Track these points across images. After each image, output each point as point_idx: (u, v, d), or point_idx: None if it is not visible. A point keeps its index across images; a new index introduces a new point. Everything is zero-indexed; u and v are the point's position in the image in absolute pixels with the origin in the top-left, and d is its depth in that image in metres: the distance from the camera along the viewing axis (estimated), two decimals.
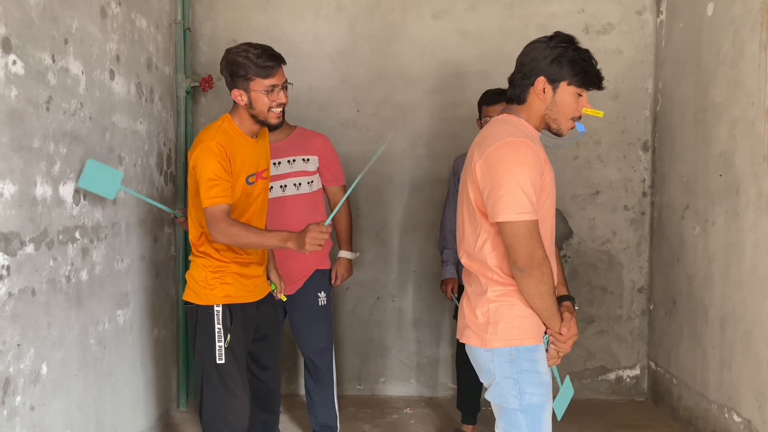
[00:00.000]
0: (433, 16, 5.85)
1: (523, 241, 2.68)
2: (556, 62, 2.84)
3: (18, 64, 3.21)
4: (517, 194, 2.67)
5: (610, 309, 5.92)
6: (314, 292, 4.60)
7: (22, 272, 3.25)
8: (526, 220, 2.67)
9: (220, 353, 3.57)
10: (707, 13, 4.80)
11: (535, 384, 2.85)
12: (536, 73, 2.87)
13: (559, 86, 2.86)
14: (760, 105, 4.09)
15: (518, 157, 2.71)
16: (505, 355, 2.85)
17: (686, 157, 5.13)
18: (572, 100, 2.89)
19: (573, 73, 2.85)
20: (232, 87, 3.53)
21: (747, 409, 4.26)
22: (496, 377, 2.89)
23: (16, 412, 3.20)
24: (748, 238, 4.25)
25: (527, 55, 2.91)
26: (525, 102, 2.92)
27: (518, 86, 2.93)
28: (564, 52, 2.84)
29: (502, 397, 2.89)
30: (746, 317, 4.27)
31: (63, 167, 3.63)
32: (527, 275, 2.71)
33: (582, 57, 2.86)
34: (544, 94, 2.87)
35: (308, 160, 4.56)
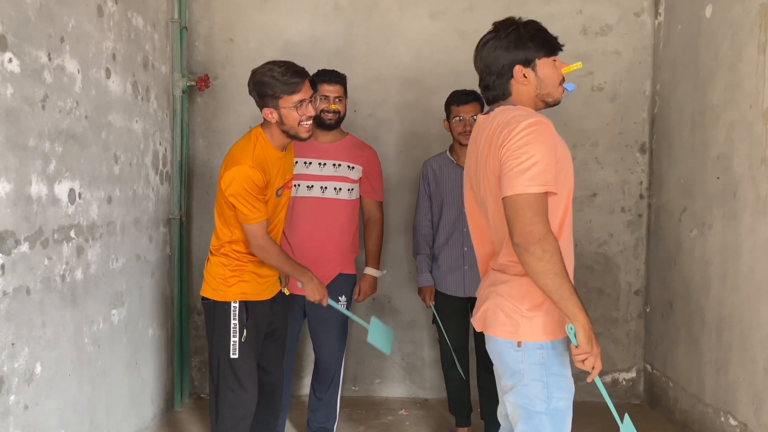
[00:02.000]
0: (431, 16, 5.84)
1: (521, 213, 2.55)
2: (519, 46, 2.86)
3: (14, 62, 3.19)
4: (535, 167, 2.56)
5: (606, 311, 5.92)
6: (335, 296, 4.56)
7: (17, 271, 3.23)
8: (532, 192, 2.54)
9: (234, 348, 3.73)
10: (706, 15, 4.80)
11: (563, 388, 2.81)
12: (508, 66, 2.87)
13: (536, 64, 2.88)
14: (758, 107, 4.09)
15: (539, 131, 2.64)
16: (537, 358, 2.77)
17: (684, 159, 5.12)
18: (552, 69, 2.90)
19: (540, 46, 2.88)
20: (262, 106, 3.65)
21: (743, 412, 4.25)
22: (524, 379, 2.80)
23: (9, 412, 3.19)
24: (745, 241, 4.24)
25: (488, 55, 2.92)
26: (511, 95, 2.92)
27: (497, 86, 2.92)
28: (519, 33, 2.88)
29: (528, 400, 2.81)
30: (743, 320, 4.27)
31: (58, 166, 3.61)
32: (524, 251, 2.55)
33: (536, 28, 2.92)
34: (527, 79, 2.87)
35: (353, 168, 4.67)
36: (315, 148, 4.61)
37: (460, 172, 4.71)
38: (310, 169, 4.60)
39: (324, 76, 4.56)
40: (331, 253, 4.60)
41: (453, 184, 4.78)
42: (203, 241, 5.90)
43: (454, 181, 4.77)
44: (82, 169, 3.89)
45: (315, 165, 4.60)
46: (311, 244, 4.56)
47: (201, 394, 5.93)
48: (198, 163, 5.85)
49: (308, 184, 4.57)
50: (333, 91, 4.56)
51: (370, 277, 4.84)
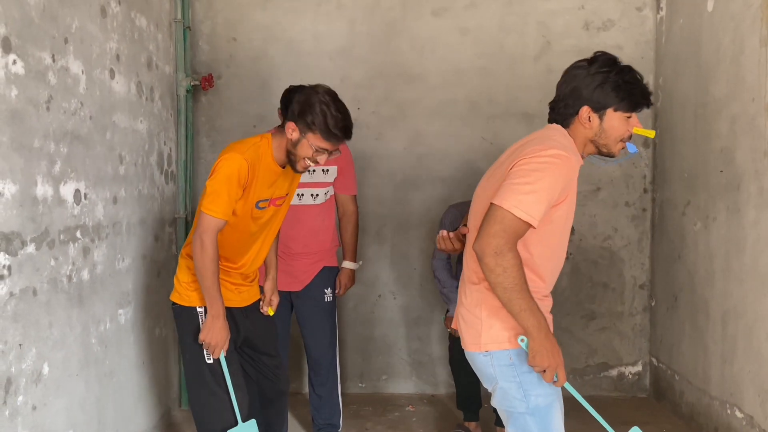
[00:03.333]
0: (433, 13, 5.85)
1: (492, 223, 2.59)
2: (599, 89, 2.75)
3: (18, 64, 3.20)
4: (528, 194, 2.59)
5: (611, 305, 5.93)
6: (321, 288, 4.71)
7: (24, 272, 3.24)
8: (514, 214, 2.56)
9: (208, 353, 3.55)
10: (707, 8, 4.80)
11: (540, 385, 2.78)
12: (579, 102, 2.79)
13: (606, 113, 2.78)
14: (760, 101, 4.09)
15: (554, 166, 2.63)
16: (505, 359, 2.79)
17: (687, 153, 5.12)
18: (621, 124, 2.80)
19: (619, 99, 2.76)
20: (292, 119, 3.49)
21: (749, 404, 4.26)
22: (499, 382, 2.83)
23: (18, 412, 3.20)
24: (749, 234, 4.25)
25: (568, 83, 2.84)
26: (569, 127, 2.85)
27: (561, 114, 2.86)
28: (606, 77, 2.75)
29: (507, 402, 2.83)
30: (748, 313, 4.27)
31: (64, 167, 3.62)
32: (480, 259, 2.61)
33: (626, 80, 2.77)
34: (590, 123, 2.80)
35: (327, 171, 4.68)
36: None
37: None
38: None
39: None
40: (315, 252, 4.69)
41: None
42: None
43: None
44: (88, 170, 3.90)
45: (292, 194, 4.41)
46: (295, 247, 4.65)
47: None
48: (203, 162, 5.87)
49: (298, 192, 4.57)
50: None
51: (348, 270, 4.91)
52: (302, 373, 5.88)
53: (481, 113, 5.81)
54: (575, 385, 5.89)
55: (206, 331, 3.50)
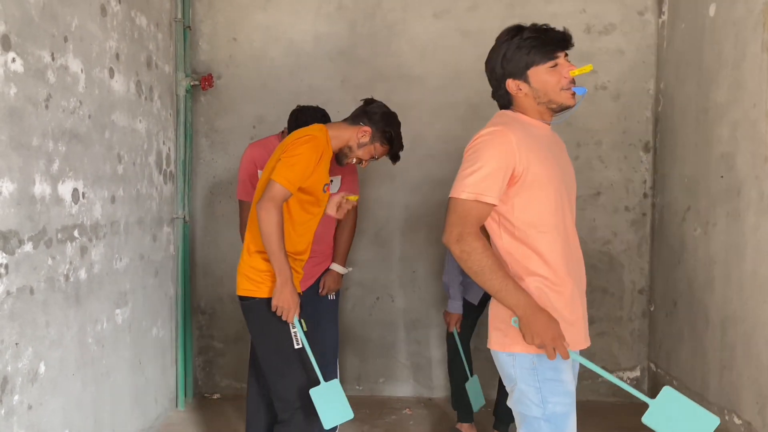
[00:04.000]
0: (434, 15, 5.84)
1: (450, 215, 2.73)
2: (505, 60, 2.84)
3: (17, 62, 3.19)
4: (473, 176, 2.71)
5: (610, 310, 5.91)
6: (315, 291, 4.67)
7: (21, 271, 3.24)
8: (463, 198, 2.70)
9: (296, 339, 3.66)
10: (709, 14, 4.79)
11: (559, 393, 2.77)
12: (501, 79, 2.88)
13: (527, 75, 2.83)
14: (761, 106, 4.08)
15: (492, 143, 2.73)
16: (527, 363, 2.77)
17: (687, 158, 5.11)
18: (549, 76, 2.82)
19: (527, 57, 2.82)
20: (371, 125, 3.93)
21: (747, 411, 4.24)
22: (518, 384, 2.81)
23: (14, 411, 3.19)
24: (749, 240, 4.24)
25: (486, 68, 2.96)
26: (513, 104, 2.92)
27: (500, 97, 2.95)
28: (508, 45, 2.85)
29: (524, 406, 2.81)
30: (747, 319, 4.26)
31: (62, 166, 3.61)
32: (448, 246, 2.73)
33: (525, 36, 2.83)
34: (522, 91, 2.84)
35: (331, 182, 4.57)
36: None
37: None
38: None
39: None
40: (319, 254, 4.65)
41: None
42: (207, 241, 5.91)
43: None
44: (86, 169, 3.89)
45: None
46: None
47: (204, 394, 5.94)
48: (202, 162, 5.86)
49: None
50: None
51: (335, 273, 4.77)
52: None
53: (482, 116, 5.71)
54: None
55: (278, 296, 3.56)
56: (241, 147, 5.82)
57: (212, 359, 5.97)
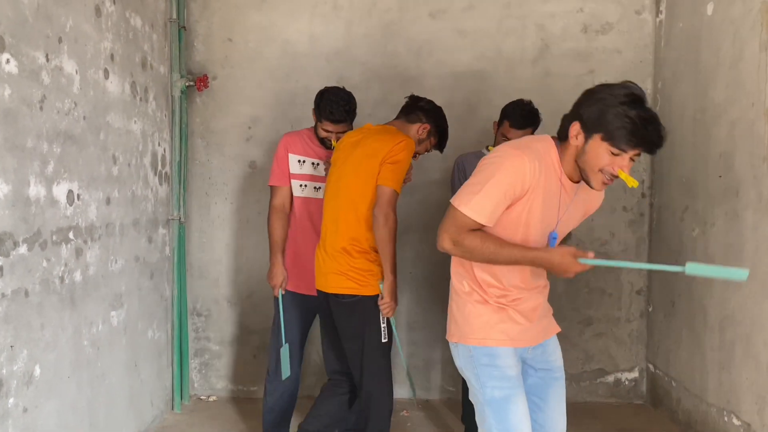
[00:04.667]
0: (431, 15, 5.82)
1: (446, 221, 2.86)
2: (599, 111, 2.70)
3: (11, 63, 3.17)
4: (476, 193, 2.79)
5: (608, 311, 5.90)
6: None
7: (15, 273, 3.21)
8: (462, 212, 2.81)
9: (384, 333, 4.04)
10: (707, 13, 4.78)
11: (495, 378, 2.93)
12: (576, 116, 2.78)
13: (592, 137, 2.73)
14: (760, 106, 4.07)
15: (504, 165, 2.76)
16: (466, 352, 3.00)
17: (685, 158, 5.10)
18: (603, 155, 2.72)
19: (611, 129, 2.68)
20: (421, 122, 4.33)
21: (746, 412, 4.23)
22: (464, 372, 3.05)
23: (8, 414, 3.17)
24: (747, 240, 4.23)
25: (583, 95, 2.83)
26: (566, 140, 2.83)
27: (562, 126, 2.87)
28: (613, 103, 2.68)
29: (472, 393, 3.05)
30: (746, 320, 4.25)
31: (57, 167, 3.59)
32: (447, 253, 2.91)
33: (630, 115, 2.64)
34: (576, 140, 2.77)
35: None
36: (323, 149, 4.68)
37: None
38: (318, 170, 4.64)
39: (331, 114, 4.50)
40: None
41: None
42: (202, 242, 5.88)
43: None
44: (81, 170, 3.87)
45: (322, 166, 4.65)
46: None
47: (200, 396, 5.91)
48: (197, 163, 5.83)
49: (316, 185, 4.61)
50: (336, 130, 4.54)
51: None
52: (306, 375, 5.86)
53: (479, 116, 5.78)
54: (571, 390, 5.87)
55: (391, 294, 4.01)
56: (236, 148, 5.81)
57: (208, 361, 5.95)
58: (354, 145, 4.11)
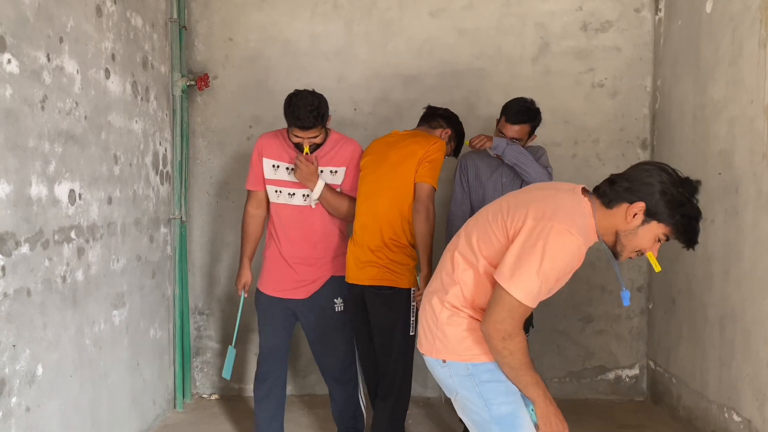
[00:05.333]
0: (431, 14, 5.83)
1: (500, 307, 2.62)
2: (669, 205, 2.67)
3: (13, 63, 3.18)
4: (536, 282, 2.58)
5: (608, 308, 5.90)
6: (330, 297, 4.51)
7: (18, 272, 3.23)
8: (522, 302, 2.59)
9: (412, 327, 4.25)
10: (706, 10, 4.79)
11: (501, 393, 2.79)
12: (642, 197, 2.70)
13: (651, 223, 2.71)
14: (759, 103, 4.08)
15: (565, 252, 2.61)
16: (462, 370, 2.82)
17: (685, 155, 5.11)
18: (650, 239, 2.75)
19: (674, 224, 2.70)
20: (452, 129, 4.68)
21: (747, 408, 4.24)
22: (459, 392, 2.86)
23: (11, 413, 3.18)
24: (747, 237, 4.23)
25: (646, 174, 2.73)
26: (611, 209, 2.78)
27: (617, 194, 2.76)
28: (684, 202, 2.68)
29: (471, 413, 2.86)
30: (746, 316, 4.26)
31: (58, 167, 3.60)
32: (488, 341, 2.67)
33: (694, 216, 2.70)
34: (632, 219, 2.72)
35: (336, 173, 4.47)
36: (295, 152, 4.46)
37: (497, 165, 4.80)
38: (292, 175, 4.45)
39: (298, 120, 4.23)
40: (323, 257, 4.49)
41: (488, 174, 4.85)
42: (204, 241, 5.90)
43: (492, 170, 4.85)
44: (82, 170, 3.88)
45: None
46: (303, 249, 4.47)
47: (202, 395, 5.93)
48: (198, 162, 5.84)
49: (290, 191, 4.45)
50: (306, 136, 4.31)
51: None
52: (303, 374, 5.87)
53: (479, 115, 5.79)
54: (572, 388, 5.88)
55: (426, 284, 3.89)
56: (237, 147, 5.81)
57: (210, 360, 5.96)
58: (388, 148, 4.41)
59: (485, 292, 2.78)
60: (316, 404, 5.65)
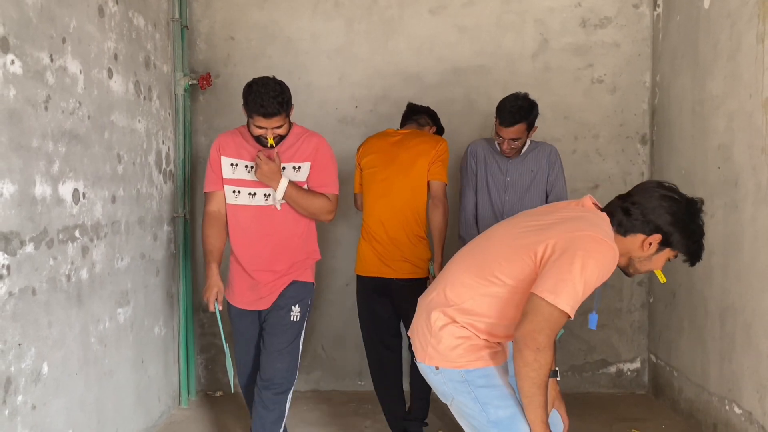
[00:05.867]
0: (431, 11, 5.85)
1: (538, 317, 2.58)
2: (683, 233, 2.78)
3: (16, 64, 3.20)
4: (580, 290, 2.58)
5: (610, 302, 5.92)
6: (288, 306, 4.21)
7: (23, 271, 3.25)
8: (564, 311, 2.57)
9: None
10: (704, 5, 4.80)
11: (496, 397, 2.80)
12: (658, 229, 2.78)
13: (664, 251, 2.82)
14: (757, 97, 4.10)
15: (604, 260, 2.64)
16: (456, 376, 2.81)
17: (684, 150, 5.13)
18: (663, 261, 2.87)
19: (686, 251, 2.82)
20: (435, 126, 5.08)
21: (748, 401, 4.26)
22: (455, 398, 2.86)
23: (17, 412, 3.20)
24: (747, 231, 4.25)
25: (661, 202, 2.80)
26: (625, 237, 2.83)
27: (633, 225, 2.82)
28: (696, 229, 2.79)
29: (469, 418, 2.87)
30: (746, 309, 4.27)
31: (62, 166, 3.62)
32: (519, 349, 2.61)
33: (702, 238, 2.82)
34: (648, 248, 2.81)
35: (299, 169, 4.20)
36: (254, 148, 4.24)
37: (500, 159, 4.84)
38: (252, 174, 4.19)
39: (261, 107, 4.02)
40: (284, 261, 4.21)
41: (496, 170, 4.85)
42: None
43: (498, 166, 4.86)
44: (86, 169, 3.91)
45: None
46: (263, 253, 4.20)
47: (207, 392, 5.95)
48: (201, 161, 5.86)
49: (251, 191, 4.20)
50: (270, 125, 4.07)
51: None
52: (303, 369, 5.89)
53: (479, 111, 5.82)
54: (574, 381, 5.90)
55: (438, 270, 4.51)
56: None
57: (214, 357, 5.99)
58: (395, 147, 4.63)
59: (496, 307, 2.78)
60: (321, 400, 5.68)
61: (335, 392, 5.94)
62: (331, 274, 5.94)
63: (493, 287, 2.78)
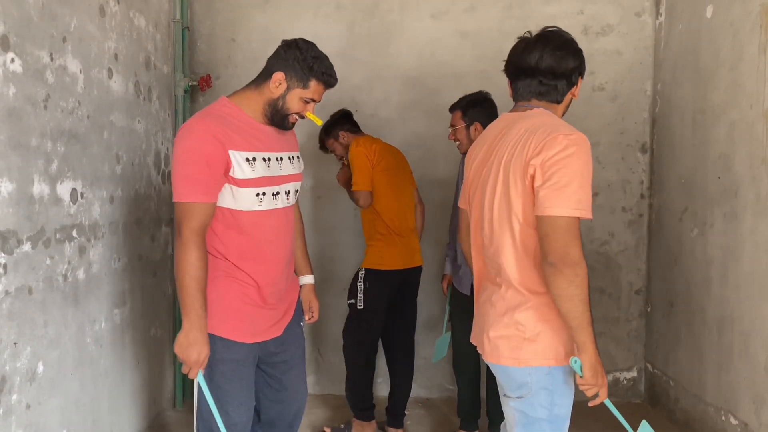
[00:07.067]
0: (432, 16, 5.85)
1: (560, 234, 2.47)
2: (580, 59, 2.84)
3: (16, 62, 3.20)
4: (585, 189, 2.53)
5: (607, 311, 5.92)
6: (297, 319, 3.41)
7: (19, 270, 3.24)
8: (577, 216, 2.49)
9: None
10: (706, 15, 4.80)
11: (566, 396, 2.76)
12: (576, 70, 2.84)
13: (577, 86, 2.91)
14: (758, 107, 4.09)
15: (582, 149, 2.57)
16: (543, 371, 2.70)
17: (685, 159, 5.12)
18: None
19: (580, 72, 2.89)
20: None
21: (744, 411, 4.25)
22: (532, 390, 2.73)
23: (12, 411, 3.20)
24: (746, 241, 4.25)
25: (564, 57, 2.78)
26: (562, 102, 2.90)
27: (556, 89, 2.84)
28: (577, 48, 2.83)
29: (530, 407, 2.75)
30: (744, 320, 4.27)
31: (60, 166, 3.62)
32: (557, 272, 2.47)
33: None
34: (575, 89, 2.90)
35: (298, 158, 3.38)
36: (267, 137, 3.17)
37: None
38: (272, 168, 3.11)
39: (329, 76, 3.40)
40: (292, 267, 3.39)
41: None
42: None
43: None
44: (84, 169, 3.90)
45: (274, 162, 3.14)
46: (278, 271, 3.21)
47: None
48: None
49: (274, 191, 3.12)
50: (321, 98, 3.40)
51: (312, 286, 3.72)
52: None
53: None
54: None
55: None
56: None
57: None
58: (400, 158, 5.11)
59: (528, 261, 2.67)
60: (317, 403, 5.67)
61: (331, 396, 5.94)
62: (328, 278, 5.93)
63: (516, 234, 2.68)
